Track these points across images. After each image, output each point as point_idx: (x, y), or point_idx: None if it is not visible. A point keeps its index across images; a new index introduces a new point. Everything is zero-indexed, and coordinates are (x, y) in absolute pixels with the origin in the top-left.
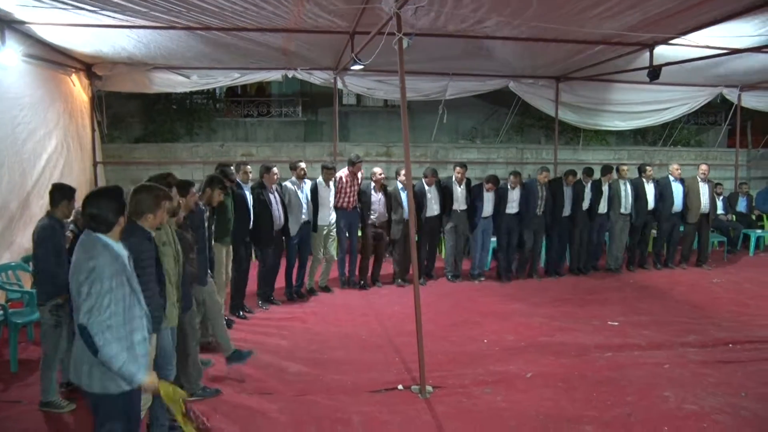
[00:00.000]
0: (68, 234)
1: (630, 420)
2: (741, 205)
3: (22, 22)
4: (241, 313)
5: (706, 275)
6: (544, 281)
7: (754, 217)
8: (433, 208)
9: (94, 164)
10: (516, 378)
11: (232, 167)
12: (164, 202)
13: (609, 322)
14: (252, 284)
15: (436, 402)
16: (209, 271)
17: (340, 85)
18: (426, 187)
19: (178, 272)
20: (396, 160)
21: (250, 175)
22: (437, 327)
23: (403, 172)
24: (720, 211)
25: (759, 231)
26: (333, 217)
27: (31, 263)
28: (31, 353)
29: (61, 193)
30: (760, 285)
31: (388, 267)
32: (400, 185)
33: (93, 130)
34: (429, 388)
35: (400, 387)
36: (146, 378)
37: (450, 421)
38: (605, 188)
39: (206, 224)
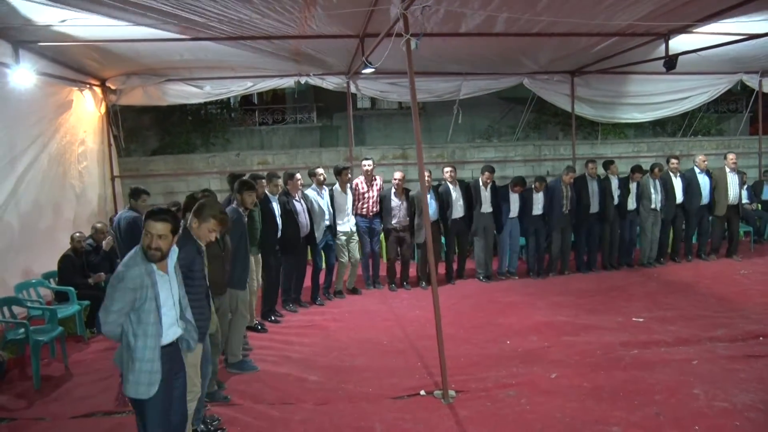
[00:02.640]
0: (85, 245)
1: (659, 420)
2: (766, 194)
3: (35, 41)
4: (273, 318)
5: (732, 267)
6: (567, 279)
7: None
8: (458, 210)
9: (112, 178)
10: (540, 380)
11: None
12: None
13: (634, 319)
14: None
15: (459, 407)
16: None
17: (353, 89)
18: (450, 187)
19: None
20: (412, 162)
21: (280, 188)
22: (459, 329)
23: (426, 174)
24: (745, 200)
25: None
26: (352, 222)
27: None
28: (53, 370)
29: (137, 191)
30: None
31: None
32: None
33: (109, 145)
34: (452, 392)
35: (422, 392)
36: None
37: (473, 426)
38: (633, 186)
39: (246, 229)
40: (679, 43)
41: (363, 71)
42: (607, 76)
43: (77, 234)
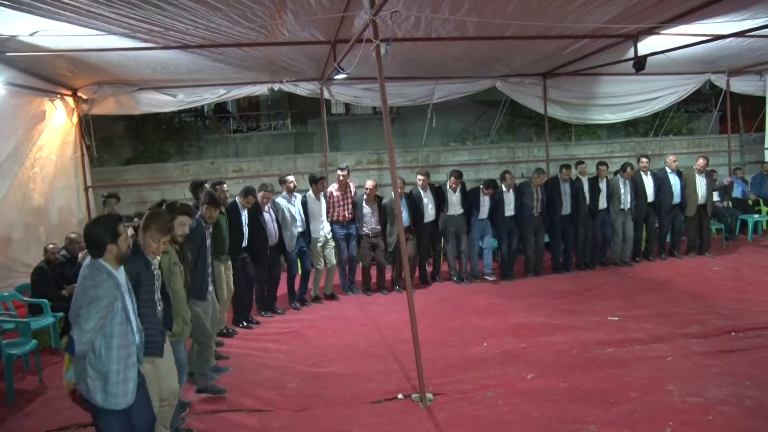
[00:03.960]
0: (59, 256)
1: (634, 416)
2: (736, 191)
3: (3, 51)
4: (245, 323)
5: (705, 264)
6: (543, 280)
7: (750, 203)
8: (429, 214)
9: (85, 189)
10: (517, 380)
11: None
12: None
13: (609, 318)
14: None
15: (437, 409)
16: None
17: (327, 95)
18: (422, 192)
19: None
20: (387, 167)
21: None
22: (436, 333)
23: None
24: (716, 198)
25: (756, 216)
26: (327, 228)
27: None
28: (27, 384)
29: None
30: (759, 270)
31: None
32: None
33: (82, 155)
34: (429, 395)
35: (400, 396)
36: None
37: (451, 429)
38: (602, 185)
39: (209, 240)
40: (647, 44)
41: (336, 77)
42: (578, 78)
43: (51, 245)
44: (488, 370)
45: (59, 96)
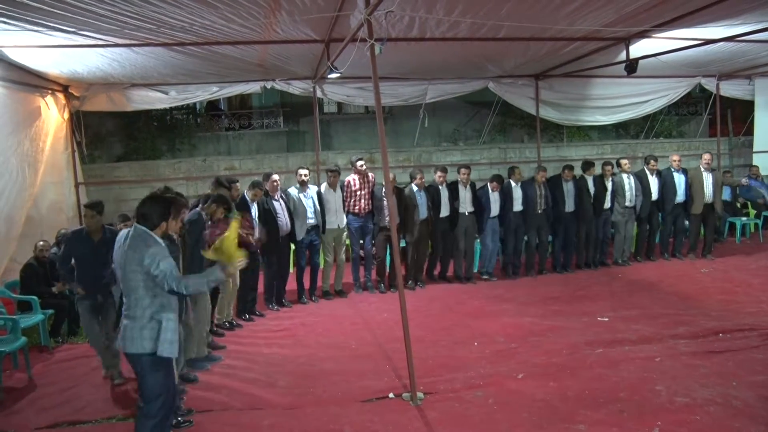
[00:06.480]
0: (49, 254)
1: (623, 416)
2: (725, 194)
3: None
4: (248, 316)
5: (694, 266)
6: (535, 280)
7: (738, 205)
8: (445, 209)
9: (76, 185)
10: (507, 380)
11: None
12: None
13: (599, 318)
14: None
15: (428, 408)
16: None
17: (319, 94)
18: (440, 186)
19: None
20: (379, 166)
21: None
22: (427, 332)
23: (419, 175)
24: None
25: (744, 218)
26: (343, 220)
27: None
28: (16, 381)
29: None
30: (747, 272)
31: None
32: (415, 188)
33: (73, 151)
34: (420, 394)
35: (391, 395)
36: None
37: (442, 427)
38: (609, 183)
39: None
40: (639, 47)
41: (329, 76)
42: (570, 80)
43: (41, 242)
44: (479, 369)
45: (50, 92)
